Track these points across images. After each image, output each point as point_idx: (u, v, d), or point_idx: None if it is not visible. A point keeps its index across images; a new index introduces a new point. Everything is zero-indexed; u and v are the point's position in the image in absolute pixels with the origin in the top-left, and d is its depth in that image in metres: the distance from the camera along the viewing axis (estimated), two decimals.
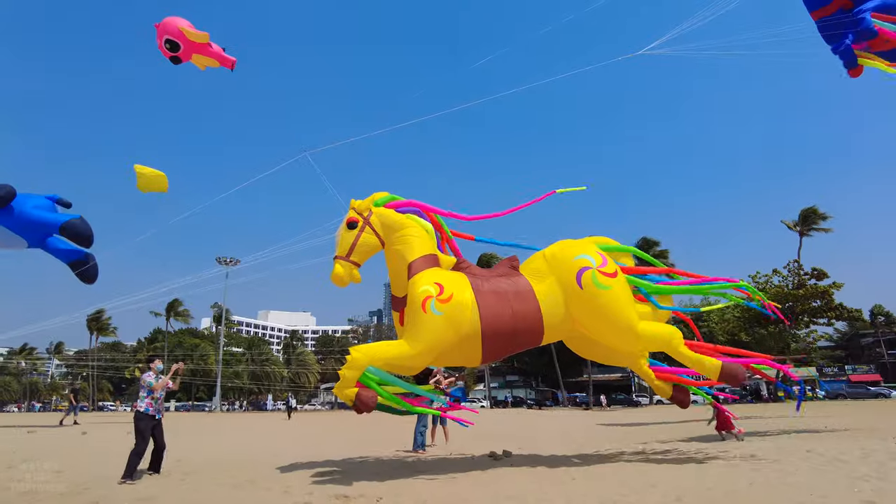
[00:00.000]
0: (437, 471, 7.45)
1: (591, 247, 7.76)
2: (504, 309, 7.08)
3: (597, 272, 7.31)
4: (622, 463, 7.59)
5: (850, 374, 59.84)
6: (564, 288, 7.36)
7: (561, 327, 7.48)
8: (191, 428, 23.43)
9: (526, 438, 13.43)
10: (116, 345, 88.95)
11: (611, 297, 7.28)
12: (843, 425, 13.47)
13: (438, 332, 6.75)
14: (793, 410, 9.25)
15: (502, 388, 70.22)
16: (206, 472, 8.09)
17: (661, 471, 6.80)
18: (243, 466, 8.50)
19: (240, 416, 43.31)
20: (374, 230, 7.49)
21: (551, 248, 7.92)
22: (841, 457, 6.70)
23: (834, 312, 43.13)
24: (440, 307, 6.75)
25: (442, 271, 7.35)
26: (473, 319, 6.92)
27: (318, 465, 8.29)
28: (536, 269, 7.66)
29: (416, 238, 7.44)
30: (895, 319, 67.53)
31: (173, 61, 8.24)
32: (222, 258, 66.45)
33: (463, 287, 7.09)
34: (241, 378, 75.34)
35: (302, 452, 10.64)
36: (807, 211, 48.12)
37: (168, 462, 9.15)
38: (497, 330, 7.03)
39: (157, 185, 8.61)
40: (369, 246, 7.45)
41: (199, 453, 10.86)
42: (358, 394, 6.53)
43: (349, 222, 7.50)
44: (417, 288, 6.92)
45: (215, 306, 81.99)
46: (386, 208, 7.75)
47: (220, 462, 9.29)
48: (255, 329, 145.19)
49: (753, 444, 9.47)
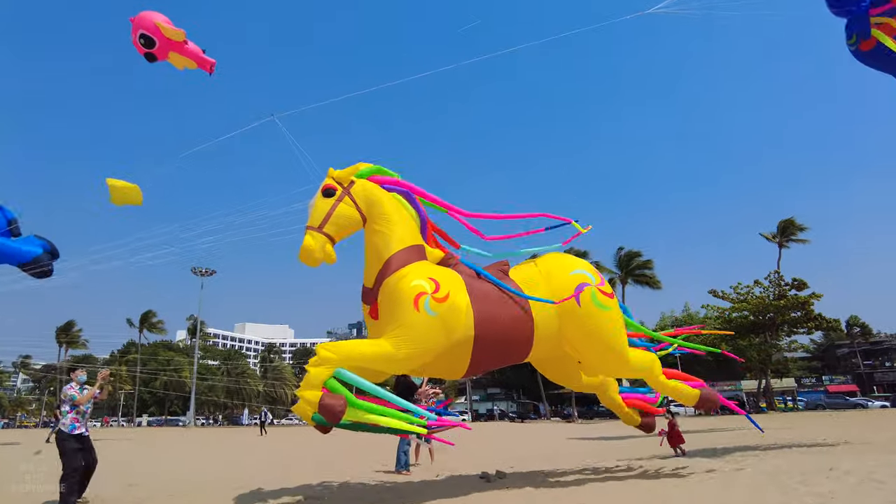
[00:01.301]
0: (426, 497, 6.63)
1: (586, 263, 7.35)
2: (499, 314, 6.27)
3: (596, 290, 6.74)
4: (629, 482, 6.88)
5: (827, 384, 60.33)
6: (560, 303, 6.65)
7: (549, 342, 6.80)
8: (158, 444, 22.16)
9: (515, 455, 12.66)
10: (88, 357, 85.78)
11: (608, 317, 6.77)
12: (841, 439, 12.98)
13: (430, 334, 5.71)
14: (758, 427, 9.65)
15: (483, 400, 69.41)
16: (161, 498, 7.17)
17: (674, 492, 6.07)
18: (203, 493, 7.61)
19: (213, 432, 41.71)
20: (355, 202, 6.31)
21: (545, 258, 7.30)
22: (874, 476, 6.06)
23: (813, 323, 43.31)
24: (435, 307, 5.72)
25: (434, 266, 6.41)
26: (467, 325, 6.04)
27: (289, 491, 7.41)
28: (529, 278, 6.88)
29: (401, 224, 6.38)
30: (871, 330, 68.49)
31: (148, 58, 7.70)
32: (197, 269, 64.80)
33: (458, 287, 6.16)
34: (217, 392, 73.12)
35: (272, 474, 9.71)
36: (785, 222, 48.56)
37: (119, 487, 8.22)
38: (490, 338, 6.20)
39: (131, 198, 8.04)
40: (347, 219, 6.23)
41: (156, 476, 9.86)
42: (322, 399, 5.12)
43: (325, 189, 6.32)
44: (408, 281, 5.85)
45: (190, 318, 79.96)
46: (370, 181, 6.63)
47: (177, 487, 8.34)
48: (232, 342, 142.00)
49: (771, 458, 8.80)
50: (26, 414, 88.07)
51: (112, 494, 7.54)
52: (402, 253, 6.15)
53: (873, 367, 64.16)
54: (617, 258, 53.28)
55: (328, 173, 6.50)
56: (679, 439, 11.07)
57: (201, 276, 64.91)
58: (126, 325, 76.26)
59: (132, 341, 79.21)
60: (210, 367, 80.00)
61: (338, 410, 5.13)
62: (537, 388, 55.83)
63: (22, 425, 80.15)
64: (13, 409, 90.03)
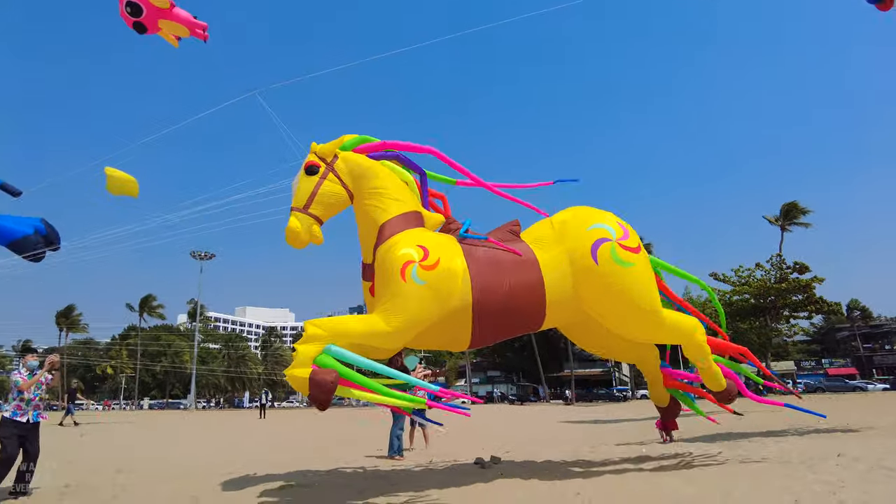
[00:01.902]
0: (417, 484, 6.41)
1: (608, 215, 6.51)
2: (501, 279, 5.82)
3: (617, 245, 6.08)
4: (628, 471, 6.63)
5: (826, 367, 60.47)
6: (574, 261, 6.09)
7: (565, 307, 6.21)
8: (157, 428, 22.10)
9: (513, 440, 12.48)
10: (89, 341, 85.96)
11: (633, 275, 6.08)
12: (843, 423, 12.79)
13: (420, 304, 5.41)
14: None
15: (483, 383, 69.72)
16: (147, 485, 6.97)
17: (676, 482, 5.84)
18: (192, 477, 7.40)
19: (213, 414, 41.80)
20: (340, 178, 6.03)
21: (561, 214, 6.65)
22: (884, 463, 5.82)
23: (814, 306, 43.15)
24: (423, 275, 5.41)
25: (427, 232, 6.00)
26: (464, 291, 5.64)
27: (278, 476, 7.20)
28: (541, 237, 6.38)
29: (393, 191, 6.04)
30: (871, 314, 68.45)
31: (136, 28, 7.39)
32: (197, 252, 64.57)
33: (452, 252, 5.78)
34: (217, 375, 73.41)
35: (263, 459, 9.53)
36: (788, 206, 48.12)
37: (106, 473, 8.02)
38: (492, 304, 5.74)
39: (128, 190, 7.98)
40: (333, 197, 5.96)
41: (147, 461, 9.67)
42: (312, 374, 4.89)
43: (308, 166, 6.01)
44: (396, 251, 5.55)
45: (191, 302, 79.92)
46: (355, 153, 6.30)
47: (167, 471, 8.15)
48: (233, 325, 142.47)
49: (774, 444, 8.59)
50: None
51: (97, 481, 7.34)
52: (394, 221, 5.84)
53: (873, 351, 64.24)
54: None
55: (311, 148, 6.15)
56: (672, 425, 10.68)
57: (200, 259, 64.79)
58: (126, 309, 76.20)
59: (133, 325, 79.26)
60: (211, 350, 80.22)
61: (329, 386, 4.87)
62: (537, 371, 55.96)
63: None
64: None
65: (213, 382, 73.83)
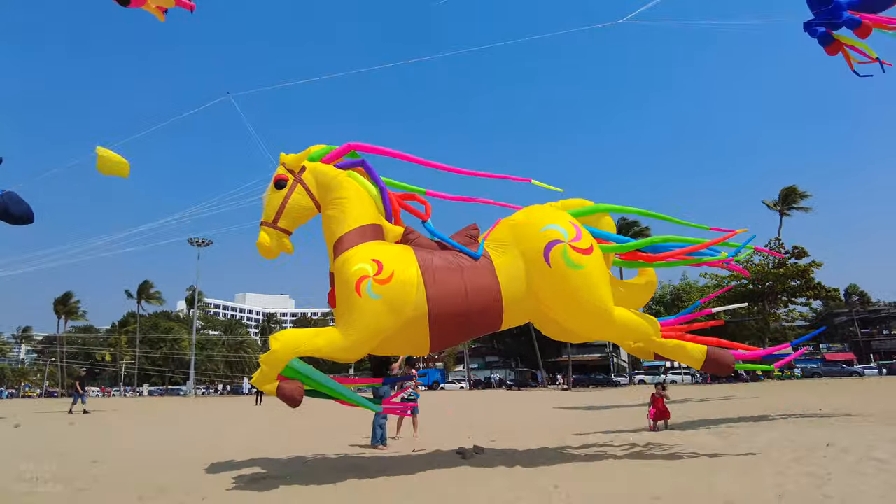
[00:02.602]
0: (394, 474, 6.26)
1: (562, 216, 6.44)
2: (455, 286, 5.86)
3: (568, 247, 6.06)
4: (611, 462, 6.47)
5: (824, 352, 60.49)
6: (528, 263, 6.13)
7: (523, 307, 6.25)
8: (151, 414, 22.06)
9: (502, 427, 12.35)
10: (88, 328, 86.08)
11: (583, 276, 6.08)
12: (839, 409, 12.66)
13: (376, 318, 5.59)
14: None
15: (482, 368, 69.95)
16: (120, 475, 6.82)
17: (659, 474, 5.67)
18: (168, 467, 7.26)
19: (211, 401, 41.91)
20: (308, 189, 6.25)
21: (517, 215, 6.61)
22: (873, 454, 5.64)
23: (813, 291, 42.99)
24: (378, 289, 5.55)
25: (381, 245, 6.05)
26: (418, 300, 5.73)
27: (256, 463, 7.06)
28: (499, 239, 6.37)
29: (351, 203, 6.16)
30: (869, 298, 68.36)
31: (121, 2, 7.17)
32: (194, 239, 64.31)
33: (407, 263, 5.86)
34: (216, 362, 73.58)
35: (247, 447, 9.39)
36: (787, 190, 47.78)
37: (82, 464, 7.87)
38: (447, 311, 5.81)
39: (118, 171, 7.85)
40: (301, 209, 6.23)
41: (125, 452, 9.53)
42: (279, 387, 5.43)
43: (277, 180, 6.24)
44: (351, 266, 5.70)
45: (190, 289, 79.78)
46: (323, 163, 6.45)
47: (144, 461, 7.99)
48: (232, 312, 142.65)
49: (765, 431, 8.44)
50: (30, 384, 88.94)
51: (71, 472, 7.17)
52: (351, 234, 5.99)
53: (871, 336, 64.22)
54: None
55: (280, 160, 6.35)
56: (663, 414, 10.64)
57: (198, 246, 64.54)
58: (124, 296, 76.18)
59: (132, 312, 79.21)
60: (211, 337, 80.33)
61: (297, 395, 5.56)
62: (535, 356, 56.06)
63: (25, 395, 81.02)
64: (17, 379, 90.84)
65: (213, 369, 74.01)
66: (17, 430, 14.67)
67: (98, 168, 7.74)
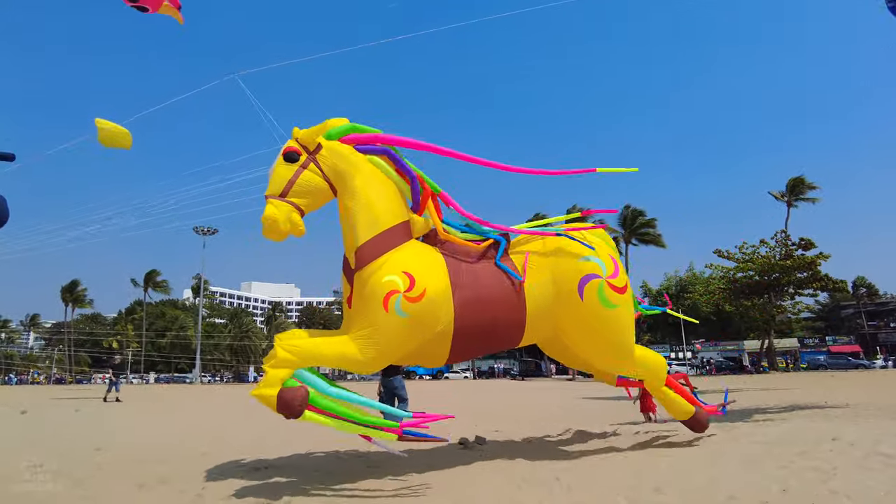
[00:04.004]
0: (394, 466, 6.24)
1: (603, 248, 6.21)
2: (484, 308, 5.49)
3: (605, 284, 5.82)
4: (614, 454, 6.43)
5: (830, 345, 60.17)
6: (560, 291, 5.82)
7: (542, 329, 6.01)
8: (155, 401, 22.22)
9: (505, 417, 12.35)
10: (96, 316, 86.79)
11: (615, 317, 5.90)
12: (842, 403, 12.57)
13: (400, 337, 5.12)
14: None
15: (487, 358, 69.96)
16: (121, 464, 6.84)
17: (662, 466, 5.61)
18: (170, 457, 7.27)
19: (216, 389, 42.25)
20: (322, 170, 5.33)
21: (554, 240, 6.18)
22: (879, 448, 5.56)
23: (819, 283, 42.59)
24: (407, 307, 5.01)
25: (412, 251, 5.45)
26: (446, 318, 5.32)
27: (257, 454, 7.07)
28: (529, 258, 5.97)
29: (377, 196, 5.45)
30: (877, 291, 67.82)
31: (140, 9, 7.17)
32: (199, 228, 64.49)
33: (438, 275, 5.36)
34: (222, 350, 74.02)
35: (250, 438, 9.42)
36: (794, 181, 47.34)
37: (84, 451, 7.91)
38: (472, 331, 5.50)
39: (120, 141, 7.66)
40: (313, 189, 5.29)
41: (128, 440, 9.58)
42: (280, 394, 4.74)
43: (287, 152, 5.31)
44: (380, 276, 5.09)
45: (196, 277, 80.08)
46: (342, 143, 5.59)
47: (146, 450, 8.02)
48: (238, 301, 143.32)
49: (768, 425, 8.37)
50: (38, 371, 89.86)
51: (74, 459, 7.22)
52: (378, 239, 5.27)
53: (878, 328, 63.79)
54: (621, 217, 52.37)
55: (292, 134, 5.48)
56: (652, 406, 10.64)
57: (203, 234, 64.72)
58: (130, 284, 76.65)
59: (139, 300, 79.74)
60: (217, 325, 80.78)
61: (297, 405, 4.77)
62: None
63: (34, 382, 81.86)
64: (25, 366, 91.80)
65: (219, 357, 74.49)
66: (24, 416, 14.80)
67: (100, 140, 7.57)
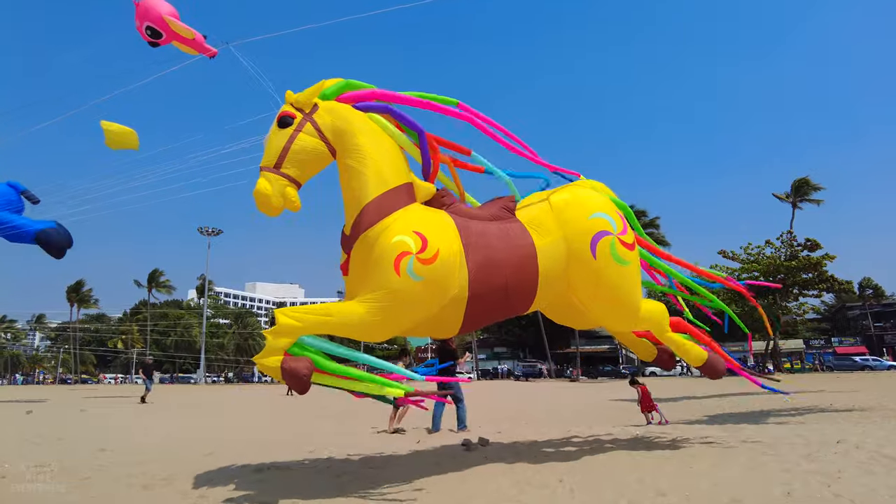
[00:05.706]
0: (397, 468, 6.26)
1: (609, 204, 6.03)
2: (498, 270, 5.29)
3: (617, 241, 5.72)
4: (618, 456, 6.39)
5: (836, 346, 59.83)
6: (572, 251, 5.66)
7: (553, 292, 5.85)
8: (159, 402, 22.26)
9: (509, 418, 12.33)
10: (101, 316, 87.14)
11: (627, 273, 5.83)
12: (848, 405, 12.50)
13: (414, 302, 4.87)
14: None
15: (490, 359, 69.92)
16: (124, 465, 6.82)
17: (665, 469, 5.59)
18: (173, 458, 7.27)
19: (220, 389, 42.33)
20: (320, 130, 5.05)
21: (560, 195, 5.98)
22: (885, 451, 5.52)
23: (825, 284, 42.44)
24: (420, 270, 4.74)
25: (421, 212, 5.22)
26: (461, 280, 5.08)
27: (262, 455, 7.07)
28: (537, 219, 5.76)
29: (383, 155, 5.19)
30: (883, 292, 67.43)
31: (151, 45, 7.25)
32: (203, 228, 64.60)
33: (450, 237, 5.09)
34: (226, 350, 74.18)
35: (256, 438, 9.43)
36: (799, 182, 47.13)
37: (89, 452, 7.92)
38: (487, 296, 5.27)
39: (128, 143, 7.71)
40: (310, 152, 5.00)
41: (131, 440, 9.60)
42: (283, 363, 4.52)
43: (281, 117, 5.06)
44: (389, 237, 4.83)
45: (201, 278, 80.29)
46: (339, 101, 5.34)
47: (148, 452, 8.01)
48: (242, 301, 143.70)
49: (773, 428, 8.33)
50: (44, 370, 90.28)
51: (78, 459, 7.22)
52: (383, 198, 5.00)
53: (884, 329, 63.39)
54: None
55: (286, 98, 5.18)
56: (650, 406, 10.82)
57: (207, 235, 64.83)
58: (133, 285, 76.90)
59: (144, 301, 79.97)
60: (221, 325, 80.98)
61: (302, 374, 4.51)
62: (543, 348, 56.01)
63: (39, 381, 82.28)
64: (31, 366, 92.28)
65: (223, 357, 74.68)
66: (29, 416, 14.86)
67: (107, 144, 7.56)
